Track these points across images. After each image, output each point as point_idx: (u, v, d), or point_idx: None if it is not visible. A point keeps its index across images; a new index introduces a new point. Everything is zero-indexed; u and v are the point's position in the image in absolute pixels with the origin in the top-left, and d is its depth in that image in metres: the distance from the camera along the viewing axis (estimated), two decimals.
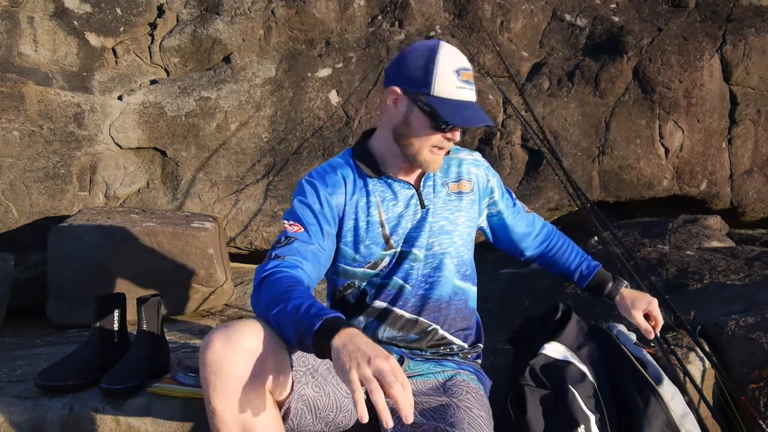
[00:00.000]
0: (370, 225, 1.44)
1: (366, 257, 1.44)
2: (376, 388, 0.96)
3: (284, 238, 1.34)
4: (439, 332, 1.50)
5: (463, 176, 1.53)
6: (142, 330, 1.70)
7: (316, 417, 1.29)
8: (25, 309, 2.61)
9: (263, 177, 3.20)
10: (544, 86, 3.44)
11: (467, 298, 1.55)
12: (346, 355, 1.00)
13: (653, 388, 1.52)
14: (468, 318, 1.56)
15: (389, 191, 1.46)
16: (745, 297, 2.06)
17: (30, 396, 1.63)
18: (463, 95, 1.36)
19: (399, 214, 1.45)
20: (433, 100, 1.34)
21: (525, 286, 2.63)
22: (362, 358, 0.99)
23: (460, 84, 1.35)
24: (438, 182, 1.50)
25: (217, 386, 1.14)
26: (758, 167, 3.53)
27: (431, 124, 1.36)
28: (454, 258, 1.50)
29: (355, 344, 1.01)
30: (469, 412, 1.34)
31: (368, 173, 1.45)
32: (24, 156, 2.87)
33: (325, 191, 1.42)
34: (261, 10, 3.39)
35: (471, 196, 1.53)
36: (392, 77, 1.41)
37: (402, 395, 0.97)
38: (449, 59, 1.35)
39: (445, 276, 1.48)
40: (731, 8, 3.65)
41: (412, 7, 3.57)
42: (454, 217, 1.49)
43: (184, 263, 2.49)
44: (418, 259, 1.46)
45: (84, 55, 3.13)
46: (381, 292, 1.47)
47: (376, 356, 0.99)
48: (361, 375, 0.97)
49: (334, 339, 1.03)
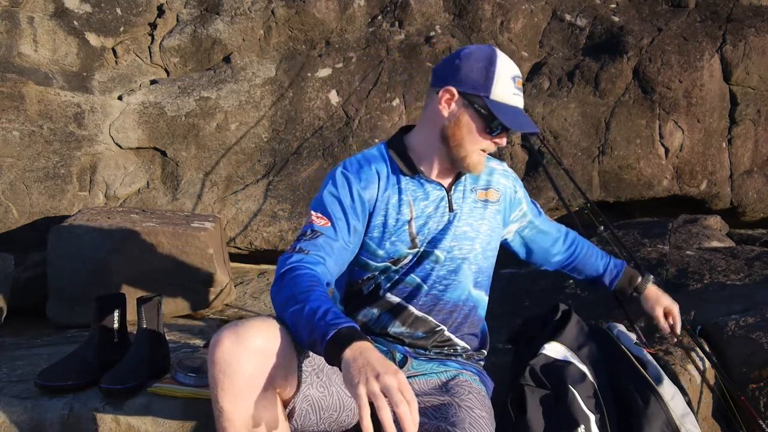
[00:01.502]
0: (399, 222, 1.44)
1: (390, 253, 1.44)
2: (383, 405, 0.97)
3: (310, 231, 1.34)
4: (445, 333, 1.50)
5: (492, 185, 1.54)
6: (142, 330, 1.70)
7: (320, 417, 1.29)
8: (25, 309, 2.61)
9: (263, 177, 3.20)
10: (544, 86, 3.44)
11: (477, 306, 1.55)
12: (356, 369, 1.01)
13: (653, 388, 1.52)
14: (475, 325, 1.56)
15: (421, 190, 1.46)
16: (745, 297, 2.06)
17: (30, 396, 1.63)
18: (517, 102, 1.39)
19: (428, 215, 1.45)
20: (491, 104, 1.35)
21: (525, 286, 2.63)
22: (371, 374, 1.00)
23: (515, 91, 1.38)
24: (468, 188, 1.50)
25: (225, 385, 1.14)
26: (758, 167, 3.53)
27: (485, 128, 1.38)
28: (473, 265, 1.50)
29: (366, 358, 1.02)
30: (471, 412, 1.34)
31: (403, 170, 1.45)
32: (24, 156, 2.87)
33: (358, 185, 1.41)
34: (261, 10, 3.39)
35: (496, 206, 1.54)
36: (446, 77, 1.40)
37: (408, 416, 0.98)
38: (507, 66, 1.38)
39: (461, 281, 1.49)
40: (731, 8, 3.65)
41: (412, 7, 3.57)
42: (477, 224, 1.50)
43: (184, 263, 2.49)
44: (438, 261, 1.47)
45: (84, 55, 3.13)
46: (396, 287, 1.47)
47: (385, 372, 1.00)
48: (369, 391, 0.98)
49: (346, 351, 1.04)
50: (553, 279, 2.57)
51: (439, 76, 1.42)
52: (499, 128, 1.38)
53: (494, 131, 1.38)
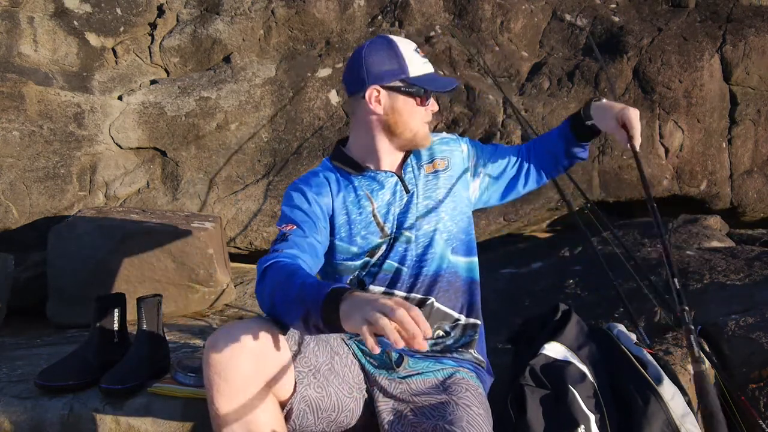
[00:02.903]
0: (363, 215, 1.49)
1: (364, 247, 1.48)
2: (384, 323, 0.97)
3: (280, 237, 1.38)
4: (435, 305, 1.51)
5: (436, 156, 1.60)
6: (142, 330, 1.70)
7: (318, 417, 1.29)
8: (25, 309, 2.61)
9: (263, 177, 3.20)
10: (544, 86, 3.44)
11: (457, 270, 1.56)
12: (353, 309, 1.03)
13: (653, 388, 1.52)
14: (462, 289, 1.56)
15: (375, 182, 1.52)
16: (745, 297, 2.06)
17: (30, 396, 1.63)
18: (429, 68, 1.50)
19: (388, 202, 1.51)
20: (413, 80, 1.46)
21: (525, 286, 2.63)
22: (366, 304, 1.01)
23: (423, 60, 1.49)
24: (415, 166, 1.57)
25: (221, 387, 1.14)
26: (758, 167, 3.53)
27: (417, 102, 1.48)
28: (443, 233, 1.54)
29: (361, 298, 1.04)
30: (468, 410, 1.34)
31: (350, 172, 1.52)
32: (24, 156, 2.87)
33: (311, 192, 1.47)
34: (261, 10, 3.39)
35: (448, 172, 1.59)
36: (362, 81, 1.47)
37: (407, 317, 0.97)
38: (405, 43, 1.48)
39: (436, 251, 1.52)
40: (731, 8, 3.65)
41: (412, 7, 3.57)
42: (435, 195, 1.55)
43: (184, 263, 2.49)
44: (410, 241, 1.51)
45: (84, 55, 3.13)
46: (378, 278, 1.50)
47: (379, 299, 1.02)
48: (368, 318, 0.99)
49: (342, 304, 1.05)
50: (553, 279, 2.57)
51: (354, 83, 1.50)
52: (429, 97, 1.50)
53: (426, 101, 1.50)
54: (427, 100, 1.50)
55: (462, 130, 3.30)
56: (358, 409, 1.39)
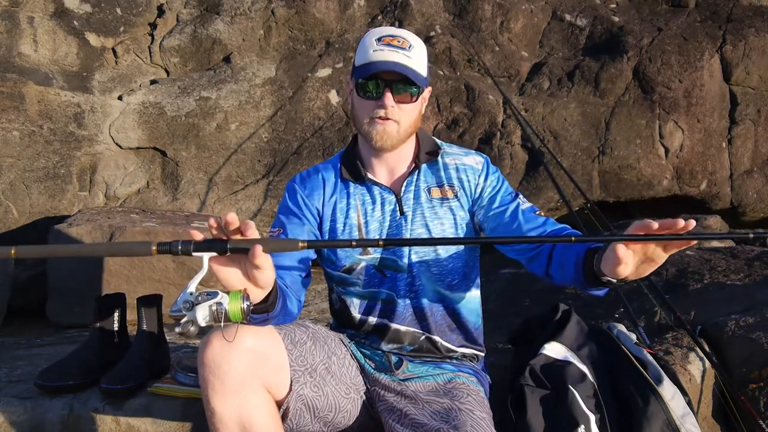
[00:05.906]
0: (347, 227, 1.43)
1: (341, 260, 1.43)
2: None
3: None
4: (433, 338, 1.48)
5: (447, 181, 1.46)
6: (142, 330, 1.70)
7: (315, 417, 1.29)
8: (25, 309, 2.61)
9: (263, 177, 3.20)
10: (544, 86, 3.44)
11: (454, 304, 1.49)
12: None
13: (653, 388, 1.52)
14: (458, 324, 1.51)
15: (369, 196, 1.44)
16: (745, 297, 2.06)
17: (30, 396, 1.63)
18: (379, 56, 1.31)
19: (377, 220, 1.43)
20: (356, 71, 1.35)
21: (525, 286, 2.63)
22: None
23: (376, 47, 1.32)
24: (421, 187, 1.44)
25: (216, 386, 1.14)
26: (758, 167, 3.53)
27: (360, 94, 1.35)
28: (432, 267, 1.43)
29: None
30: (471, 415, 1.33)
31: (350, 178, 1.45)
32: (24, 156, 2.87)
33: (302, 193, 1.45)
34: (261, 10, 3.39)
35: (453, 203, 1.45)
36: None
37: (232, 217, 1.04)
38: (375, 33, 1.35)
39: (425, 284, 1.44)
40: (731, 8, 3.65)
41: (412, 7, 3.57)
42: (432, 225, 1.42)
43: (184, 263, 2.49)
44: (399, 269, 1.43)
45: (84, 55, 3.13)
46: (372, 308, 1.45)
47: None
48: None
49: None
50: None
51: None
52: (379, 90, 1.32)
53: (367, 92, 1.33)
54: (369, 93, 1.33)
55: (462, 130, 3.30)
56: (355, 411, 1.39)
